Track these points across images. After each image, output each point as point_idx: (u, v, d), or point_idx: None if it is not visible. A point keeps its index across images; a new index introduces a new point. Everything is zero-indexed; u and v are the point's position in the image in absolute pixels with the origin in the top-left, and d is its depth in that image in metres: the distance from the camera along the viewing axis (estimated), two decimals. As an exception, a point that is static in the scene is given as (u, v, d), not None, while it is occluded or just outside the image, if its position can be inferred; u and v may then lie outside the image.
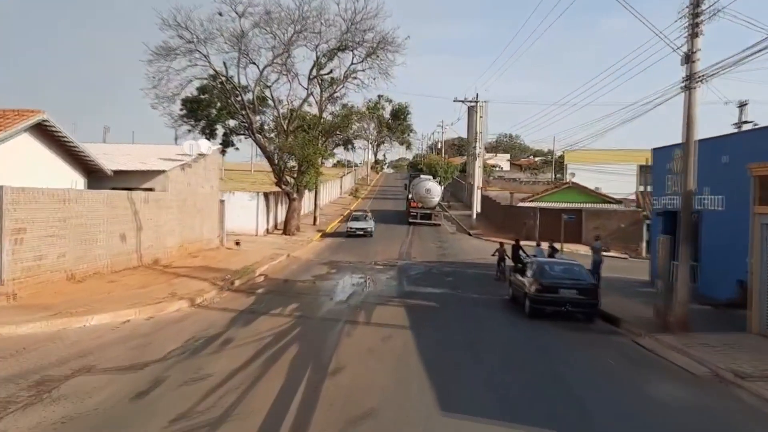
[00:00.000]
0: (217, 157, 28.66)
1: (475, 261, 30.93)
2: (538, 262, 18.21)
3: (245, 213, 36.02)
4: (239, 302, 17.77)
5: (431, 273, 26.16)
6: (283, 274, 24.15)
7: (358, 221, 40.04)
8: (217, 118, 38.78)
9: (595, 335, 15.63)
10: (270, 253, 28.80)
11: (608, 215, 41.10)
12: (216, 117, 38.69)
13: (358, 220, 40.36)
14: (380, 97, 39.08)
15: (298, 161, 36.72)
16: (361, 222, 39.83)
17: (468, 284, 23.29)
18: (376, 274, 25.04)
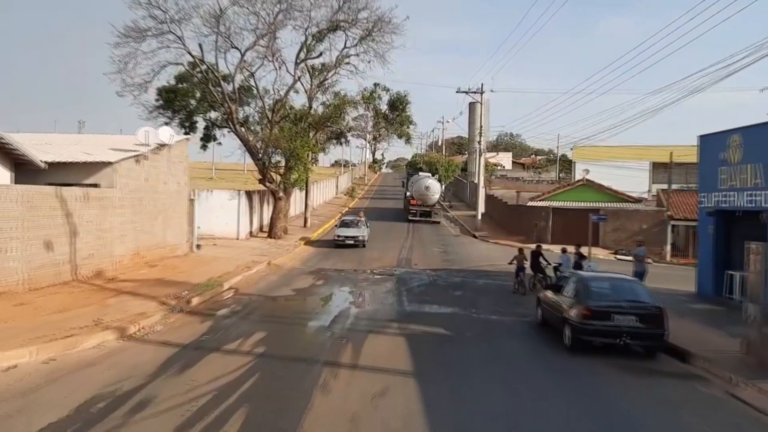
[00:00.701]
0: (183, 148, 24.18)
1: (485, 269, 26.47)
2: (581, 278, 13.70)
3: (225, 214, 31.55)
4: (188, 331, 13.30)
5: (436, 284, 21.69)
6: (257, 287, 19.69)
7: (348, 228, 32.33)
8: (197, 109, 34.24)
9: (672, 383, 11.11)
10: (248, 260, 24.33)
11: (628, 215, 36.66)
12: (195, 108, 34.14)
13: (348, 226, 32.66)
14: (377, 85, 34.59)
15: (285, 156, 32.25)
16: (352, 229, 32.20)
17: (482, 300, 18.81)
18: (371, 287, 20.57)
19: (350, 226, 32.48)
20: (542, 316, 15.01)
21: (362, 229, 32.33)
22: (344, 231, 31.89)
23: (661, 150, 57.82)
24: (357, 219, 33.88)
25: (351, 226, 32.47)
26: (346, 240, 31.14)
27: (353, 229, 32.00)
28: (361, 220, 33.49)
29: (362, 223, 32.96)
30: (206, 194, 32.01)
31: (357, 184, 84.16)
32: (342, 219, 35.57)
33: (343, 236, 31.35)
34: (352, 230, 31.91)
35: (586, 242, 37.28)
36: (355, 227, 32.32)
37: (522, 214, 41.34)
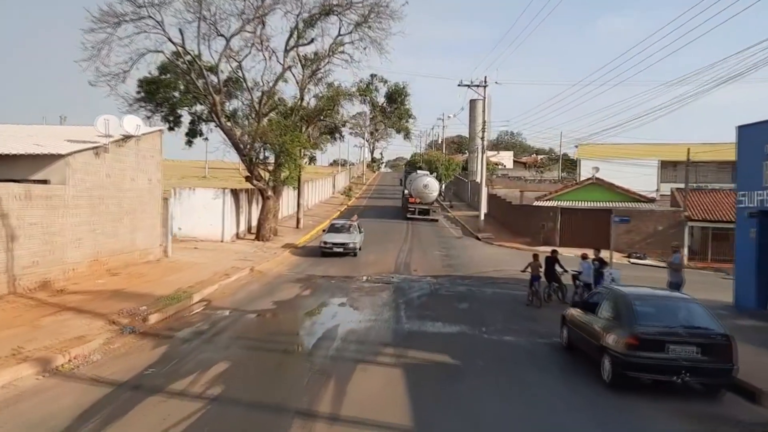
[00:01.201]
0: (156, 140, 21.41)
1: (491, 275, 23.75)
2: (621, 295, 10.91)
3: (209, 214, 28.80)
4: (132, 360, 10.58)
5: (438, 295, 18.94)
6: (233, 299, 16.94)
7: (338, 233, 27.52)
8: (180, 101, 31.39)
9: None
10: (228, 265, 21.60)
11: (642, 216, 33.87)
12: (179, 101, 31.29)
13: (338, 231, 27.87)
14: (373, 76, 31.66)
15: (275, 152, 29.48)
16: (342, 234, 27.34)
17: (492, 314, 16.07)
18: (364, 298, 17.81)
19: (340, 231, 27.78)
20: (569, 338, 12.28)
21: (354, 234, 27.54)
22: (332, 237, 27.08)
23: (670, 148, 55.33)
24: (348, 223, 28.95)
25: (341, 231, 27.78)
26: (334, 247, 26.29)
27: (343, 235, 27.26)
28: (353, 225, 28.60)
29: (354, 228, 28.20)
30: (188, 193, 29.26)
31: (355, 183, 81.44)
32: (331, 223, 30.60)
33: (330, 243, 26.50)
34: (342, 236, 27.13)
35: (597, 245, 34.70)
36: (345, 232, 27.63)
37: (528, 214, 38.60)
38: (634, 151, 54.42)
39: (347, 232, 27.61)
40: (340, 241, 26.56)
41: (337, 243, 26.50)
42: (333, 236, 27.10)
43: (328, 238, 26.85)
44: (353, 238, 27.08)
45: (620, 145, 56.11)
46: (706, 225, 33.14)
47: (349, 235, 27.33)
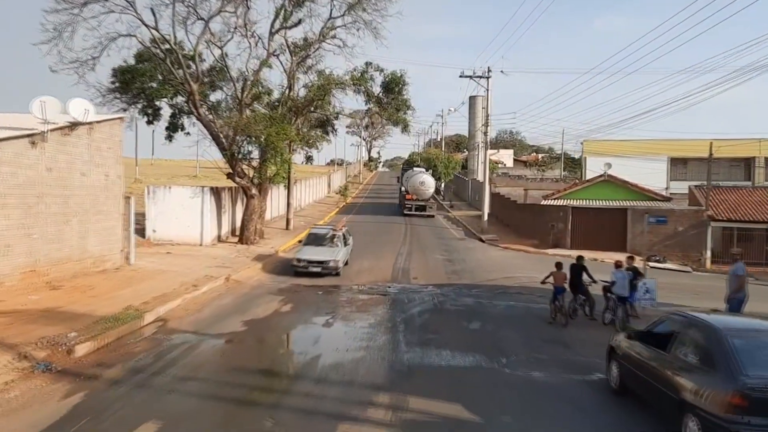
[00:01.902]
0: (116, 130, 18.23)
1: (501, 283, 20.61)
2: (711, 327, 7.59)
3: (187, 215, 25.62)
4: (28, 418, 7.52)
5: (443, 310, 15.77)
6: (197, 317, 13.79)
7: (316, 247, 21.10)
8: (157, 92, 28.15)
9: None
10: (201, 274, 18.45)
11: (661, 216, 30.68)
12: (155, 91, 28.06)
13: (317, 243, 21.36)
14: (368, 65, 28.46)
15: (260, 146, 26.31)
16: (323, 249, 20.89)
17: (511, 337, 12.91)
18: (355, 316, 14.64)
19: (320, 243, 21.29)
20: (621, 378, 9.15)
21: (337, 248, 21.07)
22: (309, 252, 20.55)
23: (678, 144, 52.28)
24: (332, 232, 22.15)
25: (321, 244, 21.30)
26: (310, 266, 19.82)
27: (323, 249, 20.84)
28: (337, 234, 21.83)
29: (339, 239, 21.57)
30: (163, 191, 26.07)
31: (351, 183, 78.21)
32: (310, 232, 23.09)
33: (305, 260, 19.98)
34: (322, 251, 20.71)
35: (611, 247, 31.69)
36: (327, 245, 21.16)
37: (535, 214, 35.47)
38: (641, 147, 51.32)
39: (329, 245, 21.19)
40: (318, 258, 20.06)
41: (313, 261, 19.97)
42: (310, 251, 20.70)
43: (303, 254, 20.42)
44: (335, 254, 20.57)
45: (627, 141, 53.07)
46: (730, 225, 30.05)
47: (330, 249, 20.93)
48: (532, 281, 21.36)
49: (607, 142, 53.80)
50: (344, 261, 21.56)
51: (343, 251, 21.49)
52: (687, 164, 52.44)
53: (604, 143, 53.49)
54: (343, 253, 21.43)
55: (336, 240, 21.59)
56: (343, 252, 21.32)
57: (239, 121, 25.28)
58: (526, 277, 21.96)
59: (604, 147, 53.06)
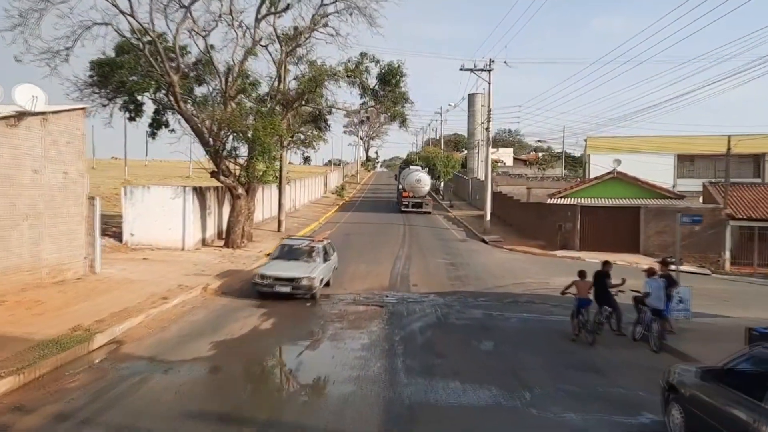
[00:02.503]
0: (78, 122, 15.96)
1: (511, 290, 18.38)
2: None
3: (168, 217, 23.36)
4: None
5: (449, 325, 13.52)
6: (159, 338, 11.54)
7: (287, 261, 16.41)
8: (137, 85, 25.82)
9: None
10: (175, 283, 16.19)
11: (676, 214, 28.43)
12: (134, 84, 25.72)
13: (290, 257, 16.67)
14: (363, 55, 26.17)
15: (247, 142, 24.04)
16: (296, 264, 16.16)
17: (532, 362, 10.65)
18: (346, 334, 12.37)
19: (294, 258, 16.50)
20: (688, 427, 6.91)
21: (313, 264, 16.18)
22: (276, 267, 15.86)
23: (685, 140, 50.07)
24: (310, 244, 17.30)
25: (295, 257, 16.53)
26: (277, 285, 15.19)
27: (296, 264, 16.02)
28: (315, 247, 17.01)
29: (318, 253, 16.73)
30: (141, 191, 23.82)
31: (348, 183, 75.96)
32: (282, 243, 18.07)
33: (270, 277, 15.27)
34: (294, 266, 15.90)
35: (623, 248, 29.45)
36: (303, 260, 16.37)
37: (541, 214, 33.23)
38: (646, 144, 49.11)
39: (305, 259, 16.38)
40: (287, 275, 15.24)
41: (282, 278, 15.17)
42: (278, 266, 15.90)
43: (269, 269, 15.70)
44: (311, 270, 15.62)
45: (631, 138, 50.89)
46: (750, 224, 27.82)
47: (306, 264, 16.09)
48: (543, 287, 19.22)
49: (611, 138, 51.63)
50: (324, 280, 16.48)
51: (323, 268, 16.37)
52: (694, 161, 50.25)
53: (608, 140, 51.31)
54: (322, 271, 16.29)
55: (314, 254, 16.70)
56: (322, 269, 16.23)
57: (223, 114, 23.02)
58: (537, 283, 19.80)
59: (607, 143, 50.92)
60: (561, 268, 23.95)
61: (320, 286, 16.02)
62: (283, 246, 17.69)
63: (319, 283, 15.86)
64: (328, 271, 17.35)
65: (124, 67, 25.67)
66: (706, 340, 12.77)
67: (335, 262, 18.54)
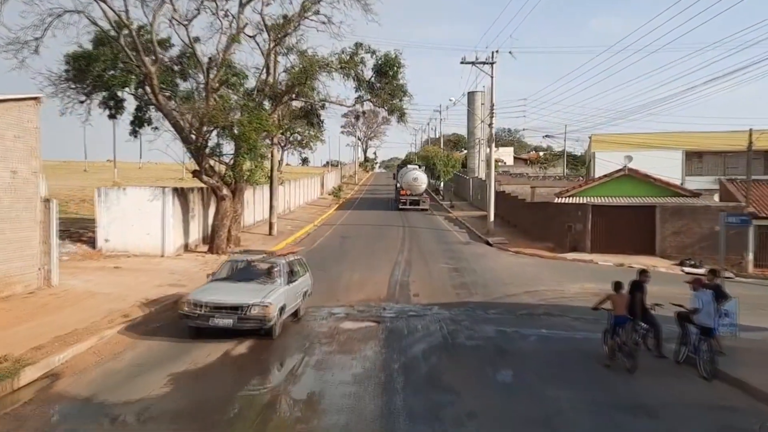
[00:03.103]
0: (32, 114, 13.80)
1: (524, 300, 16.21)
2: None
3: (146, 221, 21.22)
4: None
5: (457, 347, 11.32)
6: (108, 367, 9.42)
7: (238, 282, 12.23)
8: (115, 79, 23.65)
9: None
10: (143, 296, 14.02)
11: (694, 214, 26.39)
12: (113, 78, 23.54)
13: (238, 277, 12.54)
14: (358, 46, 24.03)
15: (233, 139, 21.89)
16: (250, 287, 11.75)
17: (565, 400, 8.41)
18: (334, 361, 10.15)
19: (246, 278, 12.42)
20: None
21: (272, 286, 11.84)
22: (217, 291, 11.61)
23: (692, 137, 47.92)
24: (269, 260, 12.88)
25: (248, 278, 12.40)
26: (215, 316, 10.92)
27: (248, 288, 11.79)
28: (277, 264, 12.53)
29: (280, 272, 12.30)
30: (117, 193, 21.67)
31: (346, 183, 73.81)
32: (230, 260, 13.54)
33: (205, 305, 11.03)
34: (244, 289, 11.70)
35: (637, 250, 27.24)
36: (258, 281, 12.19)
37: (548, 214, 31.11)
38: (653, 140, 46.97)
39: (261, 281, 12.12)
40: (231, 302, 11.05)
41: (222, 306, 11.00)
42: (220, 289, 11.72)
43: (206, 294, 11.40)
44: (268, 294, 11.28)
45: (637, 135, 48.79)
46: (774, 223, 25.71)
47: (261, 287, 11.74)
48: (558, 296, 17.08)
49: (617, 135, 49.56)
50: (288, 308, 12.00)
51: (285, 292, 11.80)
52: (702, 158, 48.12)
53: (613, 137, 49.23)
54: (284, 296, 11.72)
55: (274, 273, 12.18)
56: (283, 293, 11.69)
57: (205, 108, 20.87)
58: (550, 291, 17.65)
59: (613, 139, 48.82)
60: (574, 272, 21.85)
61: (281, 317, 11.45)
62: (231, 263, 13.11)
63: (279, 313, 11.26)
64: (295, 296, 12.63)
65: (100, 60, 23.52)
66: (763, 363, 10.66)
67: (307, 285, 13.75)
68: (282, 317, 11.67)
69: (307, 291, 13.79)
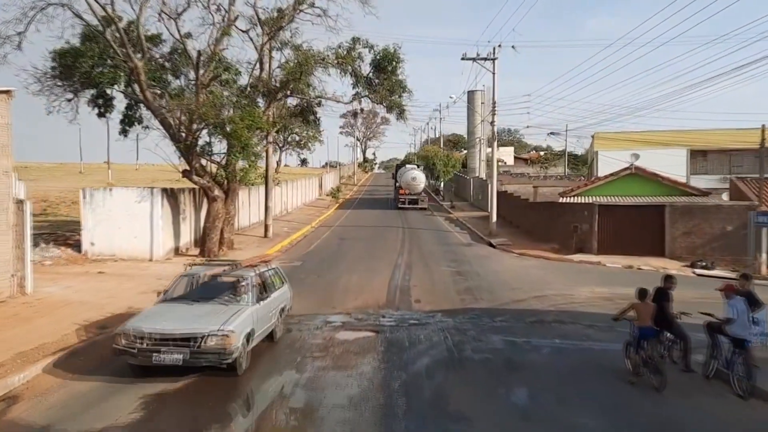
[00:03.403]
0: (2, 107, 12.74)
1: (533, 306, 15.14)
2: None
3: (134, 223, 20.20)
4: None
5: (464, 362, 10.21)
6: (73, 389, 8.34)
7: (193, 304, 9.67)
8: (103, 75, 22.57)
9: None
10: (122, 306, 12.98)
11: (705, 213, 25.28)
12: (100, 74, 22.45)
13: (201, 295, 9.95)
14: (356, 40, 22.98)
15: (225, 137, 20.82)
16: (208, 309, 9.39)
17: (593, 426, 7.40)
18: (326, 380, 9.03)
19: (203, 297, 9.86)
20: None
21: (236, 307, 9.47)
22: (164, 317, 9.18)
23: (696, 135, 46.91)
24: (235, 273, 10.34)
25: (206, 297, 9.83)
26: (159, 351, 8.54)
27: (205, 310, 9.36)
28: (244, 278, 10.06)
29: (247, 287, 9.92)
30: (103, 194, 20.61)
31: (345, 184, 72.73)
32: (185, 273, 10.73)
33: (149, 335, 8.65)
34: (200, 313, 9.28)
35: (646, 251, 26.18)
36: (219, 301, 9.69)
37: (552, 214, 30.05)
38: (656, 138, 45.94)
39: (222, 301, 9.74)
40: (181, 332, 8.66)
41: (171, 337, 8.62)
42: (168, 314, 9.36)
43: (150, 321, 9.04)
44: (230, 319, 8.95)
45: (641, 133, 47.82)
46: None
47: (222, 308, 9.44)
48: (568, 301, 16.01)
49: (620, 133, 48.57)
50: (258, 333, 9.75)
51: (252, 313, 9.55)
52: (707, 156, 47.08)
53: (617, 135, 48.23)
54: (252, 318, 9.47)
55: (241, 289, 9.85)
56: (249, 316, 9.40)
57: (196, 104, 19.80)
58: (560, 296, 16.57)
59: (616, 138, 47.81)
60: (582, 275, 20.78)
61: (248, 346, 9.20)
62: (187, 278, 10.46)
63: (245, 341, 9.00)
64: (268, 316, 10.36)
65: (86, 56, 22.46)
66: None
67: (285, 299, 11.60)
68: (250, 345, 9.38)
69: (285, 307, 11.65)
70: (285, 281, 12.13)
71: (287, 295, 12.00)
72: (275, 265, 12.21)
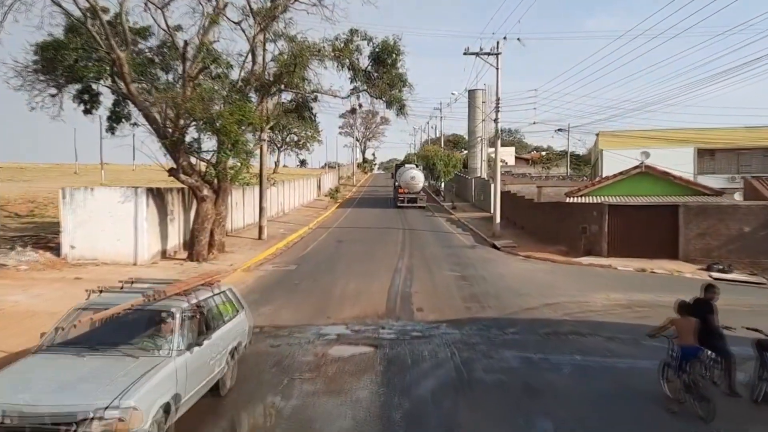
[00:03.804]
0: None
1: (546, 315, 13.80)
2: None
3: (117, 225, 18.88)
4: None
5: (475, 384, 8.86)
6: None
7: (85, 356, 6.36)
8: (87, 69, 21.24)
9: None
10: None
11: (722, 214, 23.92)
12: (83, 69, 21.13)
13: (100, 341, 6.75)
14: (353, 32, 21.69)
15: (214, 133, 19.50)
16: (101, 367, 6.13)
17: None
18: (316, 409, 7.68)
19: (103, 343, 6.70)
20: None
21: (151, 362, 6.27)
22: (29, 381, 5.87)
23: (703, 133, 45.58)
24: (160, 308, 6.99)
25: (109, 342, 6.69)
26: None
27: (96, 366, 6.17)
28: (171, 315, 6.89)
29: (176, 326, 6.83)
30: (84, 194, 19.26)
31: (344, 185, 71.38)
32: (78, 306, 7.31)
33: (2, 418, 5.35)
34: (86, 369, 6.08)
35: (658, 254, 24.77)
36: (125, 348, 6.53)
37: (559, 214, 28.69)
38: (662, 137, 44.60)
39: (131, 347, 6.60)
40: (50, 410, 5.39)
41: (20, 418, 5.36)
42: (37, 377, 5.99)
43: (4, 393, 5.61)
44: (130, 388, 5.68)
45: (646, 131, 46.48)
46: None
47: (120, 368, 6.11)
48: (582, 309, 14.68)
49: (625, 132, 47.27)
50: (188, 396, 6.73)
51: (178, 370, 6.50)
52: (715, 155, 45.74)
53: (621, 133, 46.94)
54: (179, 376, 6.48)
55: (165, 329, 6.87)
56: (171, 375, 6.36)
57: (182, 98, 18.47)
58: (573, 303, 15.24)
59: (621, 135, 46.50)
60: (593, 279, 19.43)
61: (169, 419, 6.18)
62: (83, 313, 7.14)
63: (163, 417, 6.03)
64: (209, 366, 7.36)
65: (69, 49, 21.14)
66: None
67: (240, 334, 8.69)
68: (175, 415, 6.34)
69: (239, 344, 8.57)
70: (241, 308, 9.03)
71: (244, 327, 8.86)
72: (226, 287, 8.93)
